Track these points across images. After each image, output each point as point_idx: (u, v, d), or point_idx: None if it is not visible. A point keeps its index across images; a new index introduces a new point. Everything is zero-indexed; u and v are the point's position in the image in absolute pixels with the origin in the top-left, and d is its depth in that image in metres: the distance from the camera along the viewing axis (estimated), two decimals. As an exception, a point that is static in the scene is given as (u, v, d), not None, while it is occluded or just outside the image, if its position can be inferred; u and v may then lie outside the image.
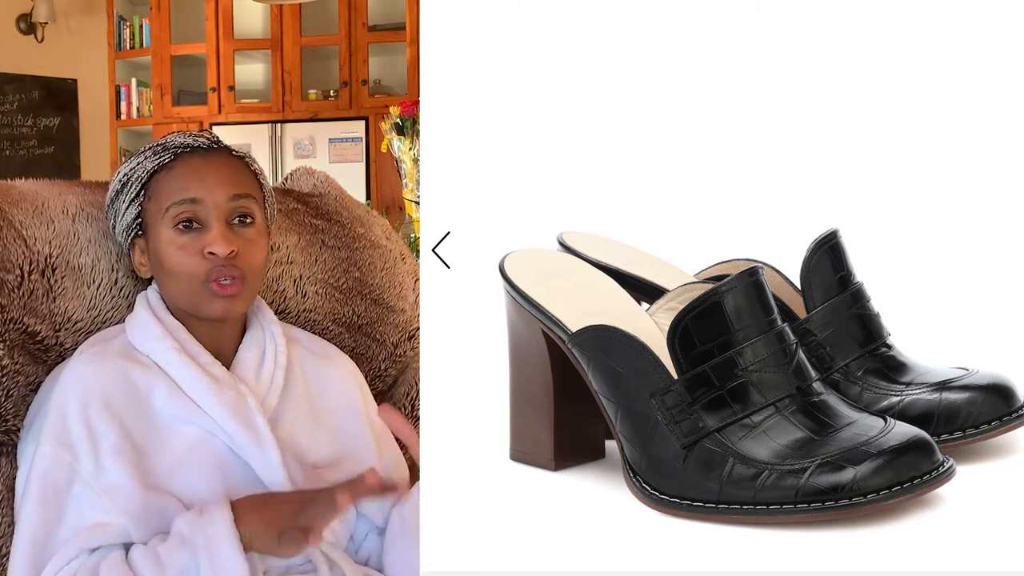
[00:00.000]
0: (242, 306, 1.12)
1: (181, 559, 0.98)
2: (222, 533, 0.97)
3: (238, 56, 5.37)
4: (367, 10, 5.21)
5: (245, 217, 1.12)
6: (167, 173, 1.11)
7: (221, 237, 1.08)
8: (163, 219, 1.10)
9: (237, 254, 1.09)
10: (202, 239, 1.09)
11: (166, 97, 5.40)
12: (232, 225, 1.11)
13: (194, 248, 1.09)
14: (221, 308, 1.09)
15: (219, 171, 1.12)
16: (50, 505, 1.02)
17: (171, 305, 1.13)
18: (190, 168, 1.11)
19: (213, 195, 1.10)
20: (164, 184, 1.11)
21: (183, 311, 1.12)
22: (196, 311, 1.11)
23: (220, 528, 0.97)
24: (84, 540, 1.00)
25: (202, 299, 1.09)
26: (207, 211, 1.10)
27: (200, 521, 0.98)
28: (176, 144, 1.13)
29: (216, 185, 1.10)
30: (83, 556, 1.00)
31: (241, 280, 1.09)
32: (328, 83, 5.35)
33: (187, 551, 0.98)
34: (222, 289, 1.08)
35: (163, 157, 1.12)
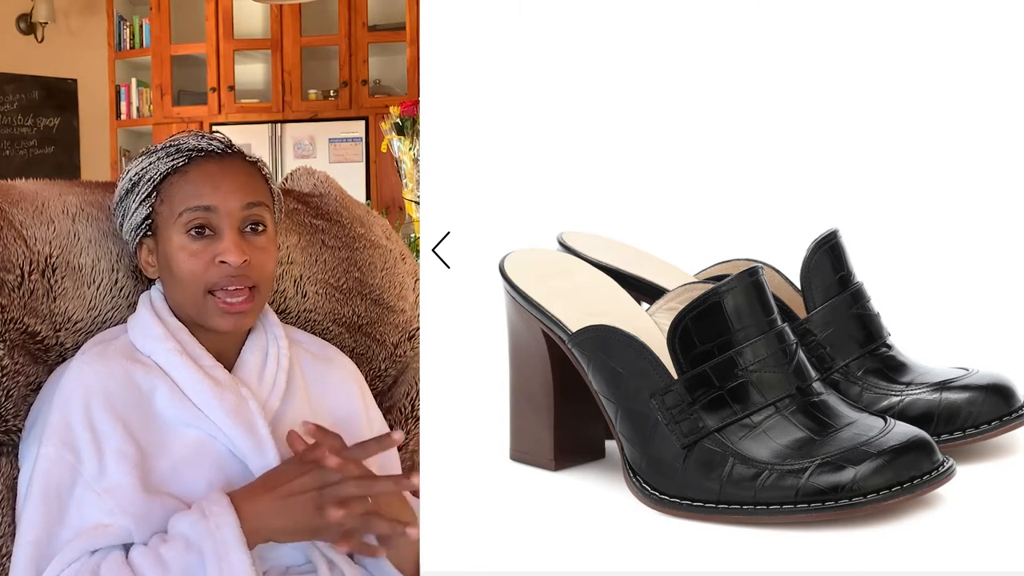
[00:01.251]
0: (252, 319, 1.12)
1: (186, 561, 0.97)
2: (230, 538, 0.97)
3: (238, 56, 5.37)
4: (367, 10, 5.21)
5: (257, 225, 1.12)
6: (181, 177, 1.11)
7: (234, 246, 1.08)
8: (175, 223, 1.10)
9: (249, 263, 1.09)
10: (214, 247, 1.09)
11: (166, 97, 5.40)
12: (244, 233, 1.11)
13: (206, 256, 1.09)
14: (229, 324, 1.10)
15: (234, 178, 1.11)
16: (52, 506, 1.02)
17: (175, 308, 1.13)
18: (205, 174, 1.11)
19: (227, 203, 1.09)
20: (178, 188, 1.10)
21: (188, 315, 1.12)
22: (202, 322, 1.11)
23: (228, 533, 0.97)
24: (86, 541, 1.00)
25: (209, 314, 1.09)
26: (220, 219, 1.09)
27: (207, 525, 0.98)
28: (190, 147, 1.12)
29: (230, 193, 1.10)
30: (84, 557, 1.00)
31: (252, 291, 1.10)
32: (328, 83, 5.35)
33: (193, 554, 0.97)
34: (230, 307, 1.08)
35: (177, 160, 1.11)
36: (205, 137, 1.14)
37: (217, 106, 5.35)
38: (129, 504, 1.01)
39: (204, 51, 5.33)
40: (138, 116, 5.52)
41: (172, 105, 5.42)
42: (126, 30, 5.51)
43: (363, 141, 5.23)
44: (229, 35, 5.31)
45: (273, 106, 5.33)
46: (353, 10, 5.19)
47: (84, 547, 1.00)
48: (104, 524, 1.01)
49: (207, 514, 0.99)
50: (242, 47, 5.37)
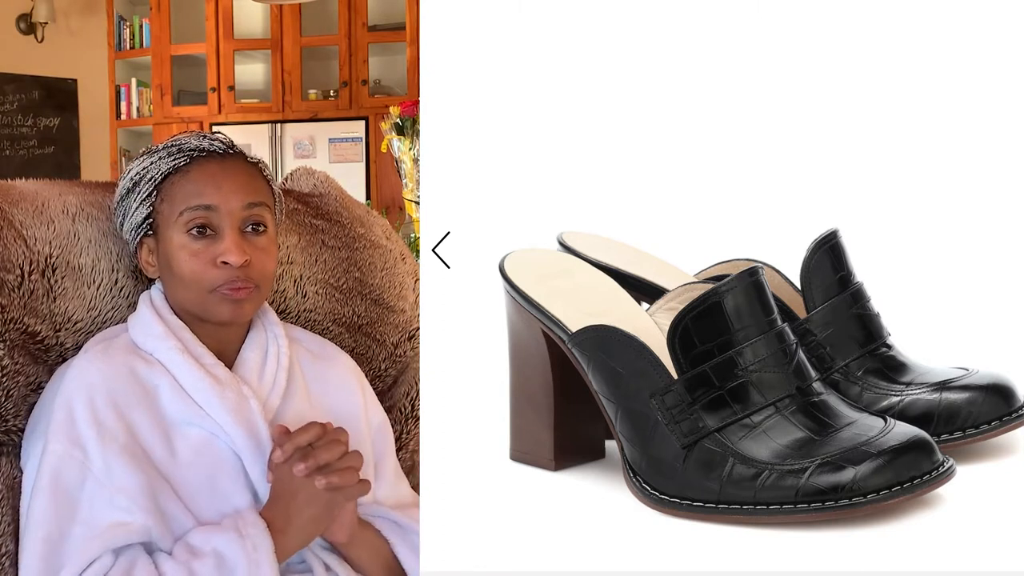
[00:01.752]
0: (251, 310, 1.12)
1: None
2: (264, 560, 0.99)
3: (238, 56, 5.37)
4: (367, 10, 5.21)
5: (258, 225, 1.12)
6: (182, 176, 1.11)
7: (235, 246, 1.08)
8: (176, 223, 1.10)
9: (250, 263, 1.09)
10: (215, 247, 1.09)
11: (166, 97, 5.40)
12: (245, 233, 1.11)
13: (207, 256, 1.09)
14: (229, 312, 1.09)
15: (235, 178, 1.11)
16: (62, 503, 1.01)
17: (176, 306, 1.13)
18: (206, 173, 1.11)
19: (228, 203, 1.10)
20: (179, 187, 1.10)
21: (189, 312, 1.12)
22: (204, 314, 1.10)
23: (263, 555, 0.99)
24: (107, 540, 1.00)
25: (210, 303, 1.09)
26: (221, 218, 1.09)
27: (243, 545, 1.00)
28: (192, 147, 1.12)
29: (232, 193, 1.10)
30: (107, 556, 1.00)
31: (253, 289, 1.10)
32: (328, 83, 5.35)
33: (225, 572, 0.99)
34: (233, 293, 1.08)
35: (179, 159, 1.11)
36: (207, 137, 1.14)
37: (217, 106, 5.35)
38: (144, 500, 1.01)
39: (204, 51, 5.33)
40: (138, 116, 5.52)
41: (172, 105, 5.42)
42: (126, 30, 5.51)
43: (363, 141, 5.23)
44: (229, 35, 5.31)
45: (273, 106, 5.33)
46: (353, 10, 5.19)
47: (105, 546, 1.00)
48: (123, 522, 1.00)
49: (244, 534, 1.00)
50: (242, 47, 5.37)
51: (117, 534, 1.00)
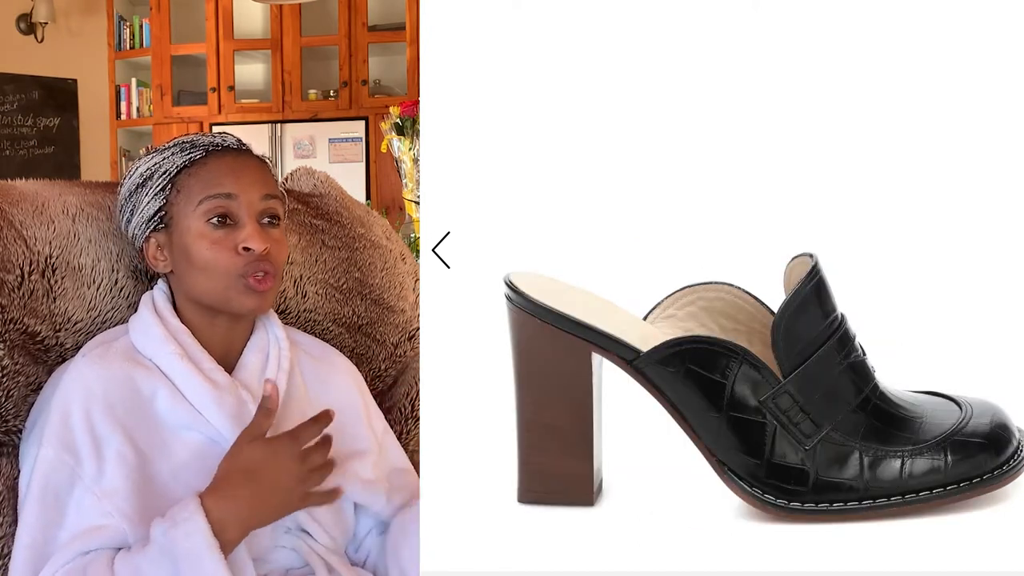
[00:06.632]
0: (269, 304, 1.12)
1: (160, 569, 0.96)
2: (201, 545, 0.95)
3: (238, 56, 5.37)
4: (367, 10, 5.21)
5: (274, 217, 1.13)
6: (200, 167, 1.11)
7: (257, 233, 1.09)
8: (194, 212, 1.10)
9: (269, 252, 1.10)
10: (235, 235, 1.09)
11: (166, 97, 5.40)
12: (262, 224, 1.11)
13: (228, 244, 1.09)
14: (254, 302, 1.09)
15: (252, 171, 1.13)
16: (50, 508, 1.01)
17: (191, 300, 1.12)
18: (224, 164, 1.12)
19: (247, 193, 1.10)
20: (197, 178, 1.11)
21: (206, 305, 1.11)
22: (225, 305, 1.10)
23: (198, 540, 0.95)
24: (82, 543, 1.00)
25: (235, 293, 1.09)
26: (240, 207, 1.10)
27: (175, 533, 0.96)
28: (206, 142, 1.13)
29: (250, 184, 1.11)
30: (78, 559, 0.99)
31: (273, 277, 1.10)
32: (328, 83, 5.35)
33: (166, 561, 0.96)
34: (259, 284, 1.09)
35: (194, 153, 1.12)
36: (218, 135, 1.16)
37: (217, 106, 5.35)
38: (126, 506, 1.01)
39: (204, 51, 5.33)
40: (138, 116, 5.52)
41: (172, 105, 5.42)
42: (126, 30, 5.51)
43: (363, 141, 5.23)
44: (229, 35, 5.31)
45: (273, 106, 5.33)
46: (353, 10, 5.19)
47: (79, 548, 0.99)
48: (100, 526, 1.00)
49: (176, 521, 0.96)
50: (242, 47, 5.37)
51: (91, 537, 1.00)
